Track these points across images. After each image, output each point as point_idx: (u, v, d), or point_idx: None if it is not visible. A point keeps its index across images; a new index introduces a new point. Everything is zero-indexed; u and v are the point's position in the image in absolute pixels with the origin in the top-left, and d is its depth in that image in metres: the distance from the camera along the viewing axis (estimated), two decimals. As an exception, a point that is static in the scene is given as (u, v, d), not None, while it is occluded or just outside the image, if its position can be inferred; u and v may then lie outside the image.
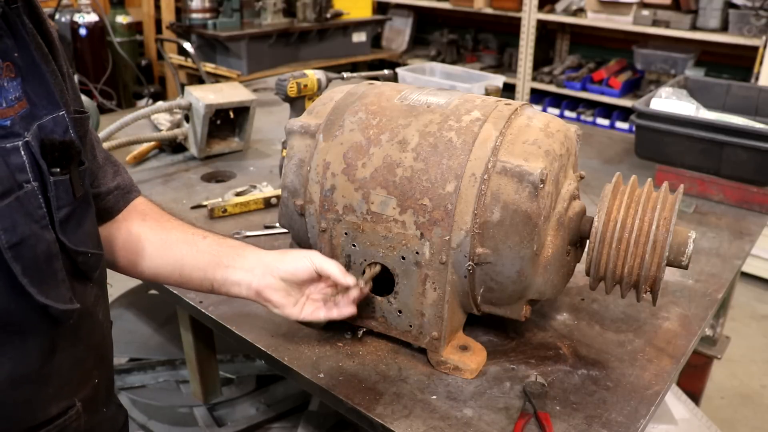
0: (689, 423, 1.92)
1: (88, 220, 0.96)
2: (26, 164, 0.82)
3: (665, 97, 2.16)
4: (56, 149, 0.86)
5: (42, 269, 0.85)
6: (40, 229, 0.84)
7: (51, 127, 0.86)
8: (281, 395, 2.01)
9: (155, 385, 2.05)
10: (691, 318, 1.35)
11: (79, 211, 0.92)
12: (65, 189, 0.88)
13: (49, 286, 0.86)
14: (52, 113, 0.87)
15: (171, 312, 2.13)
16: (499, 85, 2.39)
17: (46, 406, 0.92)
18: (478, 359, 1.18)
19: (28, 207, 0.82)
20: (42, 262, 0.85)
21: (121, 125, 1.97)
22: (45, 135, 0.85)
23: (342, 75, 2.05)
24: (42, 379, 0.90)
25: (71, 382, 0.96)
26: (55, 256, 0.87)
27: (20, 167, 0.81)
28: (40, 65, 0.87)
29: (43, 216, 0.85)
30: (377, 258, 1.15)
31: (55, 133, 0.87)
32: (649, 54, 4.39)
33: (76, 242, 0.91)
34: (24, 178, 0.82)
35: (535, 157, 1.07)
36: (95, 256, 0.97)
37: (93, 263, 0.97)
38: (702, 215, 1.83)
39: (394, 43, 5.90)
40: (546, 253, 1.11)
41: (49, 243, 0.85)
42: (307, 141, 1.21)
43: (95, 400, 1.03)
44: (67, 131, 0.89)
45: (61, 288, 0.88)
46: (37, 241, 0.83)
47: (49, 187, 0.85)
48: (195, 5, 4.47)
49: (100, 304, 1.02)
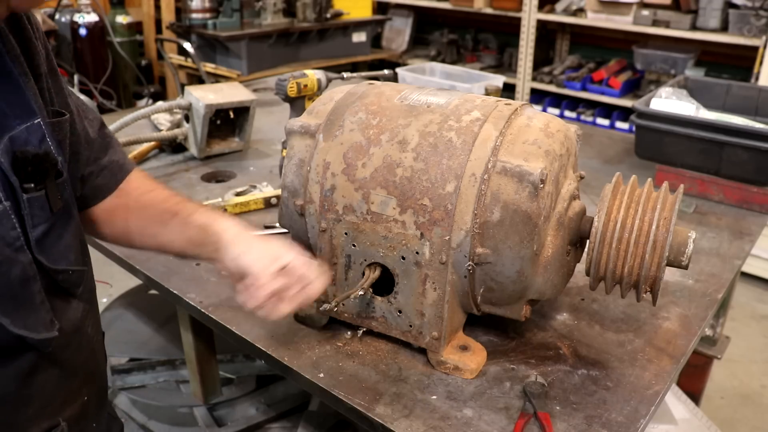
0: (689, 423, 1.92)
1: (69, 233, 0.91)
2: None
3: (665, 97, 2.16)
4: (29, 163, 0.80)
5: (16, 295, 0.80)
6: (14, 252, 0.79)
7: (24, 137, 0.81)
8: (281, 395, 2.01)
9: (155, 385, 2.05)
10: (691, 318, 1.35)
11: (57, 226, 0.87)
12: (41, 205, 0.82)
13: (27, 311, 0.81)
14: (25, 122, 0.81)
15: (171, 312, 2.13)
16: (499, 85, 2.39)
17: (25, 427, 0.88)
18: (478, 359, 1.18)
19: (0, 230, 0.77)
20: (17, 288, 0.80)
21: (121, 125, 1.97)
22: (18, 147, 0.79)
23: (342, 75, 2.05)
24: (20, 401, 0.87)
25: (55, 402, 0.92)
26: (32, 278, 0.82)
27: None
28: (13, 70, 0.81)
29: (17, 237, 0.79)
30: (377, 258, 1.15)
31: (29, 144, 0.81)
32: (649, 54, 4.39)
33: (54, 260, 0.86)
34: None
35: (535, 157, 1.07)
36: (77, 272, 0.92)
37: (75, 279, 0.93)
38: (702, 215, 1.83)
39: (394, 43, 5.90)
40: (546, 253, 1.11)
41: (24, 266, 0.81)
42: (307, 141, 1.21)
43: (84, 417, 1.00)
44: (43, 140, 0.83)
45: (40, 311, 0.84)
46: (10, 267, 0.79)
47: (22, 205, 0.80)
48: (195, 5, 4.46)
49: (88, 318, 0.99)
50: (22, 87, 0.82)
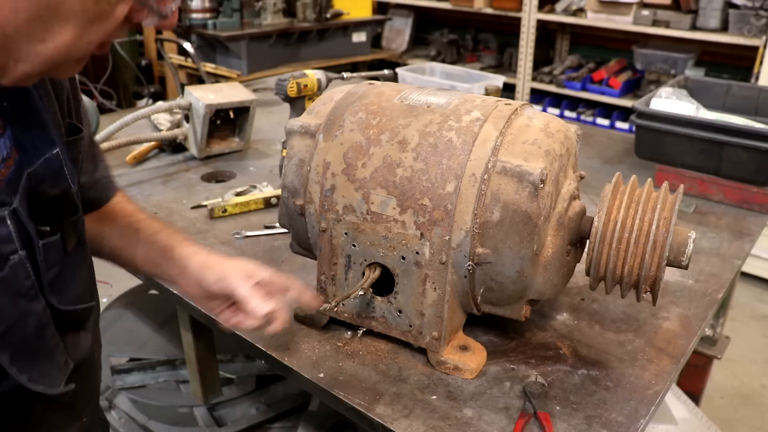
0: (689, 423, 1.92)
1: (80, 270, 0.89)
2: (13, 234, 0.74)
3: (665, 97, 2.16)
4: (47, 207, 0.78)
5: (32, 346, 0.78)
6: (28, 303, 0.77)
7: (42, 171, 0.78)
8: (281, 395, 2.01)
9: (155, 385, 2.05)
10: (691, 318, 1.35)
11: (69, 265, 0.85)
12: (55, 249, 0.80)
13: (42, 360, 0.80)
14: (45, 153, 0.78)
15: (171, 312, 2.13)
16: (499, 85, 2.39)
17: None
18: (478, 359, 1.18)
19: (14, 284, 0.75)
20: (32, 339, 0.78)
21: (121, 125, 1.97)
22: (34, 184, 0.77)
23: (342, 75, 2.05)
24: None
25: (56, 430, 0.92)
26: (46, 324, 0.80)
27: (6, 238, 0.74)
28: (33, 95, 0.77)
29: (31, 286, 0.77)
30: (377, 258, 1.15)
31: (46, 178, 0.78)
32: (649, 54, 4.39)
33: (66, 302, 0.84)
34: (10, 248, 0.74)
35: (535, 157, 1.07)
36: (87, 308, 0.91)
37: (85, 316, 0.92)
38: (702, 215, 1.83)
39: (394, 43, 5.90)
40: (546, 253, 1.11)
41: (39, 315, 0.78)
42: (307, 141, 1.21)
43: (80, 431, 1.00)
44: (60, 171, 0.80)
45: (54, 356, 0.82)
46: (26, 319, 0.76)
47: (37, 251, 0.77)
48: (195, 5, 4.46)
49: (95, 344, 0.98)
50: (42, 115, 0.78)
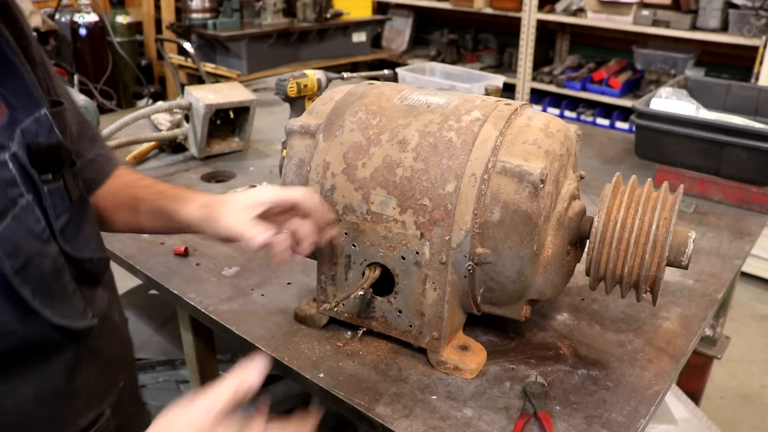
0: (689, 423, 1.92)
1: (87, 222, 0.91)
2: (17, 177, 0.76)
3: (665, 97, 2.15)
4: (45, 154, 0.80)
5: (51, 287, 0.80)
6: (43, 245, 0.79)
7: (35, 129, 0.80)
8: (281, 395, 2.01)
9: (155, 385, 2.05)
10: (691, 318, 1.35)
11: (77, 215, 0.87)
12: (61, 196, 0.82)
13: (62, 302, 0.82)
14: (32, 113, 0.80)
15: (171, 312, 2.13)
16: (499, 85, 2.39)
17: (75, 419, 0.89)
18: (478, 359, 1.18)
19: (27, 224, 0.77)
20: (50, 279, 0.80)
21: (121, 125, 1.97)
22: (29, 140, 0.79)
23: (342, 75, 2.05)
24: (70, 394, 0.87)
25: (99, 391, 0.93)
26: (62, 269, 0.82)
27: (11, 181, 0.76)
28: (15, 61, 0.80)
29: (43, 230, 0.79)
30: (377, 258, 1.15)
31: (40, 136, 0.80)
32: (649, 54, 4.39)
33: (79, 250, 0.86)
34: (17, 192, 0.76)
35: (535, 157, 1.07)
36: (101, 260, 0.93)
37: (100, 268, 0.93)
38: (702, 215, 1.83)
39: (394, 43, 5.90)
40: (546, 253, 1.11)
41: (53, 257, 0.80)
42: (307, 141, 1.21)
43: (122, 402, 1.00)
44: (51, 131, 0.82)
45: (73, 301, 0.84)
46: (42, 259, 0.78)
47: (43, 197, 0.79)
48: (195, 5, 4.46)
49: (114, 306, 0.99)
50: (25, 78, 0.81)
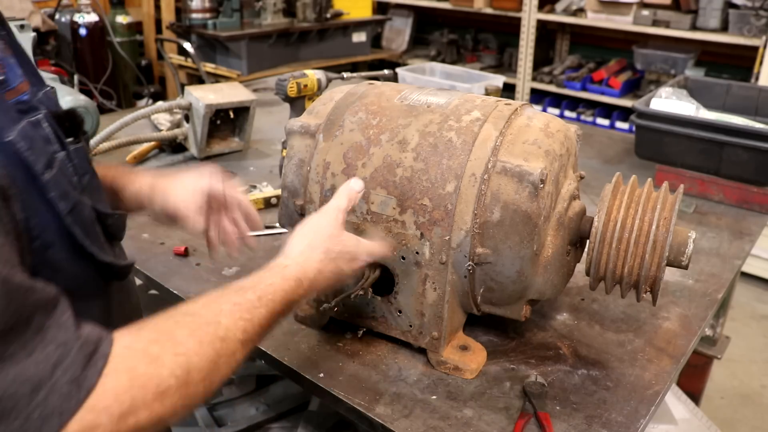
0: (689, 423, 1.92)
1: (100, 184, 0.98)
2: (51, 135, 0.82)
3: (665, 97, 2.16)
4: (65, 119, 0.87)
5: (91, 233, 0.86)
6: (80, 195, 0.85)
7: (47, 102, 0.87)
8: (281, 395, 2.01)
9: (155, 385, 2.04)
10: (691, 318, 1.35)
11: (94, 176, 0.94)
12: (83, 156, 0.89)
13: (101, 247, 0.88)
14: (42, 89, 0.88)
15: (171, 312, 2.13)
16: (499, 85, 2.39)
17: None
18: (478, 359, 1.18)
19: (67, 174, 0.83)
20: (90, 227, 0.86)
21: (121, 125, 1.97)
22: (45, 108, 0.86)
23: (342, 75, 2.05)
24: None
25: None
26: (95, 221, 0.89)
27: (48, 138, 0.82)
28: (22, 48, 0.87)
29: (78, 183, 0.86)
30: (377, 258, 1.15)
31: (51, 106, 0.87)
32: (649, 54, 4.39)
33: (102, 206, 0.92)
34: (54, 148, 0.82)
35: (535, 157, 1.07)
36: (121, 216, 0.99)
37: (120, 224, 0.99)
38: (702, 215, 1.83)
39: (394, 43, 5.90)
40: (546, 253, 1.11)
41: (89, 207, 0.87)
42: (307, 141, 1.21)
43: None
44: (57, 105, 0.90)
45: (107, 250, 0.91)
46: (82, 208, 0.85)
47: (72, 155, 0.86)
48: (195, 5, 4.46)
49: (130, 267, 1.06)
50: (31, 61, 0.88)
